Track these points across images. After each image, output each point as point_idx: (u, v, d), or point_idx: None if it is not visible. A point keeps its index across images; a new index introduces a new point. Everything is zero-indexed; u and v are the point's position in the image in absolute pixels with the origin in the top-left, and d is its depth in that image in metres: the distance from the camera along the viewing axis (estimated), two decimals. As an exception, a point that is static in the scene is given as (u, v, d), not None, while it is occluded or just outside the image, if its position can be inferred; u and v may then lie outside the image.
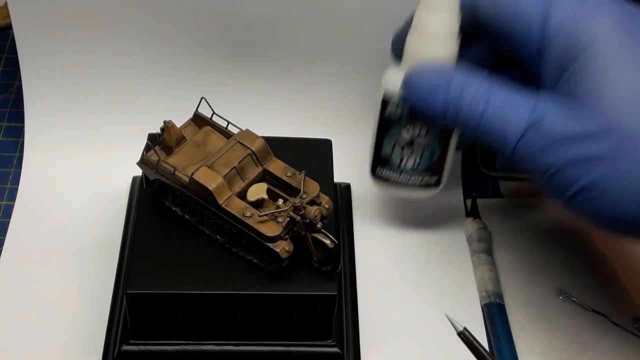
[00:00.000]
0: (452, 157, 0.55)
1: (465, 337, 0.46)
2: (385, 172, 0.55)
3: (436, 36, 0.49)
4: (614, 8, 0.46)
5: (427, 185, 0.56)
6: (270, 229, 0.48)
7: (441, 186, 0.56)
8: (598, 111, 0.43)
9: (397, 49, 0.53)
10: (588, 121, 0.43)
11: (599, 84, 0.44)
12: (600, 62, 0.44)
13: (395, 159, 0.55)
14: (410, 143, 0.53)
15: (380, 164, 0.55)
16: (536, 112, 0.45)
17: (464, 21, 0.50)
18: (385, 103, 0.52)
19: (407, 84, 0.49)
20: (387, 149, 0.54)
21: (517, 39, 0.48)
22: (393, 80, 0.51)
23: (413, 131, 0.53)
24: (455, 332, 0.46)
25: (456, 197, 0.64)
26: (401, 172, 0.55)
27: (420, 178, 0.55)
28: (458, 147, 0.55)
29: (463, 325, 0.46)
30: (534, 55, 0.48)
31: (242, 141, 0.52)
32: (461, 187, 0.64)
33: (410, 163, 0.54)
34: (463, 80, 0.47)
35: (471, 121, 0.46)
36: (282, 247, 0.48)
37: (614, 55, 0.44)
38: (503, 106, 0.46)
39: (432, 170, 0.55)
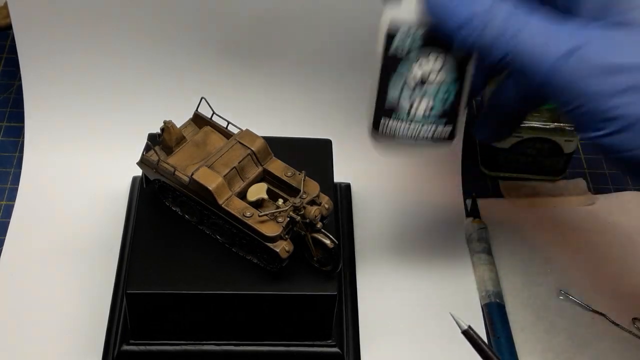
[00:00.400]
0: (465, 103, 0.48)
1: (470, 335, 0.45)
2: (392, 125, 0.47)
3: None
4: None
5: (440, 138, 0.48)
6: (270, 229, 0.48)
7: (455, 140, 0.48)
8: None
9: None
10: None
11: None
12: None
13: (404, 105, 0.47)
14: (422, 83, 0.46)
15: (385, 114, 0.47)
16: (583, 34, 0.40)
17: None
18: (390, 37, 0.46)
19: None
20: (394, 92, 0.47)
21: None
22: (397, 12, 0.45)
23: (425, 66, 0.46)
24: (455, 332, 0.46)
25: (456, 197, 0.64)
26: (411, 121, 0.47)
27: (433, 128, 0.47)
28: (470, 97, 0.49)
29: (467, 324, 0.45)
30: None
31: (242, 141, 0.52)
32: (461, 187, 0.64)
33: (422, 108, 0.47)
34: None
35: (504, 35, 0.41)
36: (282, 247, 0.48)
37: None
38: (545, 23, 0.41)
39: (447, 117, 0.47)
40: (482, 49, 0.42)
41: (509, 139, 0.63)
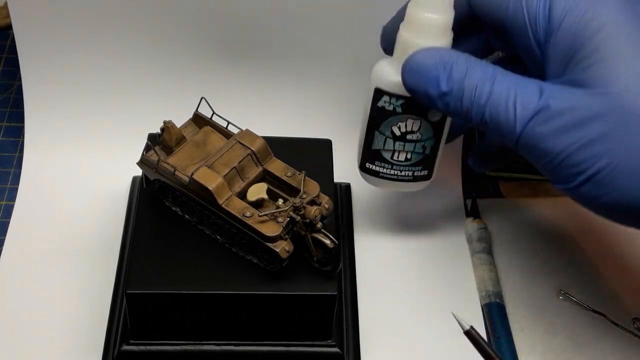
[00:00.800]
0: (442, 149, 0.54)
1: (472, 336, 0.45)
2: (375, 167, 0.54)
3: (430, 30, 0.48)
4: None
5: (418, 179, 0.55)
6: (270, 229, 0.48)
7: (432, 179, 0.55)
8: (608, 95, 0.42)
9: (387, 42, 0.52)
10: (597, 104, 0.42)
11: (607, 69, 0.43)
12: (609, 49, 0.43)
13: (387, 154, 0.53)
14: (403, 137, 0.52)
15: (370, 159, 0.54)
16: (544, 98, 0.44)
17: (459, 13, 0.49)
18: (378, 94, 0.51)
19: (408, 66, 0.47)
20: (378, 142, 0.53)
21: (519, 30, 0.47)
22: (386, 71, 0.50)
23: (406, 125, 0.52)
24: (455, 332, 0.46)
25: (456, 197, 0.64)
26: (392, 166, 0.54)
27: (411, 172, 0.54)
28: (448, 139, 0.54)
29: (470, 324, 0.45)
30: (536, 46, 0.47)
31: (242, 141, 0.52)
32: (461, 187, 0.64)
33: (402, 157, 0.53)
34: (467, 63, 0.46)
35: (476, 105, 0.45)
36: (282, 247, 0.48)
37: (623, 41, 0.43)
38: (509, 90, 0.44)
39: (424, 163, 0.54)
40: (461, 115, 0.46)
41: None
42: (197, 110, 0.55)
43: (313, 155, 0.57)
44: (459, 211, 0.63)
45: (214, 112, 0.55)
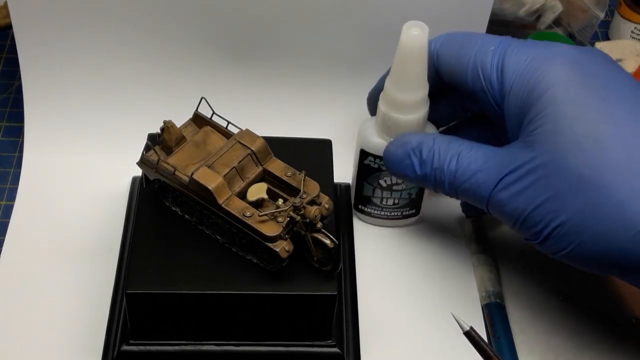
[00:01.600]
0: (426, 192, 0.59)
1: (472, 336, 0.45)
2: (367, 209, 0.60)
3: (406, 107, 0.53)
4: (565, 53, 0.47)
5: (407, 216, 0.60)
6: (270, 229, 0.48)
7: (420, 214, 0.60)
8: (550, 157, 0.45)
9: (372, 108, 0.57)
10: (542, 168, 0.45)
11: (550, 132, 0.45)
12: (553, 111, 0.45)
13: (376, 199, 0.59)
14: (389, 188, 0.58)
15: (362, 202, 0.60)
16: (501, 166, 0.48)
17: (431, 80, 0.52)
18: (363, 154, 0.56)
19: (386, 158, 0.53)
20: (367, 191, 0.59)
21: (479, 94, 0.50)
22: (369, 134, 0.55)
23: (391, 179, 0.57)
24: (455, 332, 0.46)
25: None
26: (382, 209, 0.59)
27: (399, 212, 0.60)
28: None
29: (469, 325, 0.45)
30: (497, 108, 0.50)
31: (242, 141, 0.52)
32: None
33: (390, 202, 0.59)
34: (433, 145, 0.51)
35: (447, 181, 0.50)
36: (282, 247, 0.48)
37: (567, 103, 0.45)
38: (471, 164, 0.49)
39: (411, 205, 0.59)
40: (437, 189, 0.52)
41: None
42: (197, 110, 0.55)
43: (313, 155, 0.56)
44: (459, 211, 0.63)
45: (213, 112, 0.54)
